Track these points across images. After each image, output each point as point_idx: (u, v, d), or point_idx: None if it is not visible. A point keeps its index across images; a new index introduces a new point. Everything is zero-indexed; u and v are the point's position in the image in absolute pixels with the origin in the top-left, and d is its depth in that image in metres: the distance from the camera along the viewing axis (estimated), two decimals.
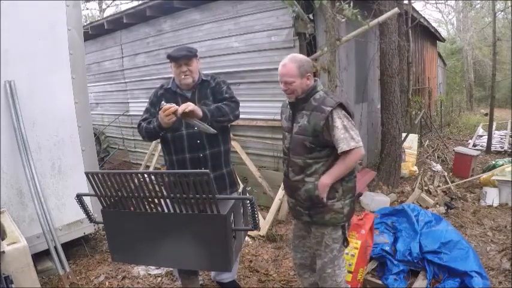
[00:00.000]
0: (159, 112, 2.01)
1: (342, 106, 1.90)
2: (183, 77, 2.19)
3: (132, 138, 6.87)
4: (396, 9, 4.07)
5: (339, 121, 1.86)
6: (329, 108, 1.86)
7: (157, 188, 1.66)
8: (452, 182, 5.19)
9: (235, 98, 2.32)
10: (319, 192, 1.92)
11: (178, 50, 2.21)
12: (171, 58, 2.20)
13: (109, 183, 1.64)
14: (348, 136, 1.85)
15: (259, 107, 4.63)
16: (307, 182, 1.97)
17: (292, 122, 2.02)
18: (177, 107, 1.97)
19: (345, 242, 2.08)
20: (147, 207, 1.69)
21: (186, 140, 2.18)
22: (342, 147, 1.84)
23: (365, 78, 5.63)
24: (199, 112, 2.01)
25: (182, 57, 2.17)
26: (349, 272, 2.56)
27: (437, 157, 6.84)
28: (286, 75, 1.90)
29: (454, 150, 6.21)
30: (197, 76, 2.26)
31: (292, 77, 1.89)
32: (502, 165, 4.93)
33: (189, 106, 1.95)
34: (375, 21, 3.95)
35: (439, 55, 14.14)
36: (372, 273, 2.84)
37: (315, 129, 1.89)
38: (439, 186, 5.04)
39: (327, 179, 1.91)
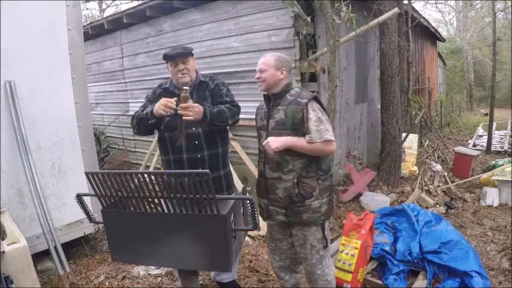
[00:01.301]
0: (162, 99, 2.01)
1: (316, 100, 1.96)
2: (180, 75, 2.18)
3: (132, 138, 6.87)
4: (396, 9, 4.07)
5: (313, 113, 1.89)
6: (305, 100, 1.90)
7: (157, 188, 1.66)
8: (452, 182, 5.19)
9: (236, 102, 2.31)
10: (270, 139, 1.87)
11: (174, 49, 2.21)
12: (168, 57, 2.19)
13: (109, 183, 1.64)
14: (323, 128, 1.88)
15: None
16: (285, 180, 1.96)
17: (267, 120, 2.03)
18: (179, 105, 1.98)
19: (325, 242, 2.05)
20: (147, 207, 1.70)
21: (185, 140, 2.16)
22: (313, 137, 1.86)
23: (365, 78, 5.63)
24: (198, 118, 2.02)
25: (178, 55, 2.16)
26: (349, 272, 2.56)
27: (437, 157, 6.84)
28: (261, 64, 2.02)
29: (454, 150, 6.21)
30: (194, 75, 2.26)
31: (266, 66, 1.99)
32: (502, 165, 4.93)
33: (192, 116, 1.97)
34: (375, 21, 3.96)
35: (439, 55, 14.15)
36: (372, 273, 2.84)
37: (293, 123, 1.91)
38: (439, 186, 5.04)
39: (286, 139, 1.89)
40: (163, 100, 2.01)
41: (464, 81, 19.49)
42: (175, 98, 2.01)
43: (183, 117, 1.98)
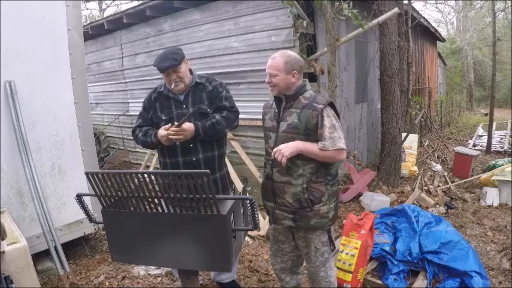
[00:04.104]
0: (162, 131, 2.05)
1: (332, 105, 1.91)
2: (173, 85, 2.14)
3: (132, 138, 6.87)
4: (396, 9, 4.06)
5: (328, 120, 1.85)
6: (321, 106, 1.85)
7: (157, 188, 1.66)
8: (452, 182, 5.19)
9: (236, 106, 2.29)
10: (281, 147, 1.82)
11: (163, 59, 2.10)
12: (158, 69, 2.13)
13: (109, 183, 1.65)
14: (336, 136, 1.84)
15: (259, 107, 4.56)
16: (294, 184, 1.92)
17: (278, 121, 1.98)
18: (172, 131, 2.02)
19: (332, 245, 2.05)
20: (147, 207, 1.70)
21: (180, 144, 2.14)
22: (326, 144, 1.83)
23: (365, 78, 5.63)
24: (191, 134, 2.06)
25: (169, 68, 2.10)
26: (349, 272, 2.56)
27: (437, 157, 6.84)
28: (271, 68, 1.92)
29: (454, 150, 6.21)
30: (188, 79, 2.20)
31: (276, 70, 1.90)
32: (502, 165, 4.93)
33: (182, 139, 2.03)
34: (375, 21, 3.95)
35: (439, 55, 14.15)
36: (372, 273, 2.84)
37: (307, 127, 1.86)
38: (439, 186, 5.04)
39: (298, 144, 1.84)
40: (163, 133, 2.05)
41: (464, 81, 19.49)
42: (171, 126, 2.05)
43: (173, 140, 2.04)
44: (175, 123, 2.02)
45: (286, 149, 1.81)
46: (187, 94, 2.22)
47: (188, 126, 2.04)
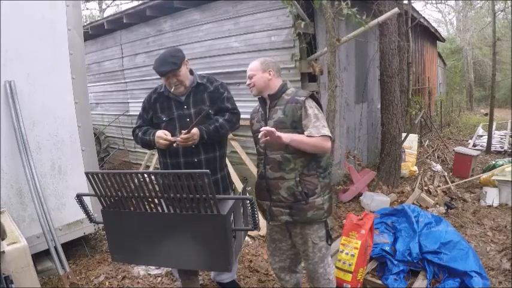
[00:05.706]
0: (161, 135, 2.06)
1: (313, 97, 2.01)
2: (173, 88, 2.14)
3: (132, 138, 6.86)
4: (396, 9, 4.07)
5: (311, 110, 1.95)
6: (302, 98, 1.95)
7: (157, 188, 1.66)
8: (452, 182, 5.19)
9: (237, 108, 2.30)
10: (266, 130, 1.82)
11: (163, 63, 2.09)
12: (158, 73, 2.13)
13: (109, 183, 1.65)
14: (320, 125, 1.92)
15: None
16: (287, 179, 1.97)
17: (265, 121, 2.05)
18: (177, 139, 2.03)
19: (329, 240, 2.08)
20: (147, 207, 1.70)
21: None
22: (311, 131, 1.90)
23: (365, 78, 5.64)
24: (198, 139, 2.08)
25: (168, 73, 2.09)
26: (349, 272, 2.56)
27: (437, 157, 6.84)
28: (249, 70, 2.08)
29: (454, 150, 6.21)
30: (189, 81, 2.20)
31: (253, 71, 2.06)
32: (502, 165, 4.93)
33: (191, 144, 2.06)
34: (375, 21, 3.95)
35: (439, 55, 14.15)
36: (372, 273, 2.84)
37: (293, 120, 1.95)
38: (439, 186, 5.04)
39: (285, 135, 1.86)
40: (161, 136, 2.06)
41: (464, 81, 19.49)
42: (174, 138, 2.06)
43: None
44: (183, 131, 2.03)
45: (272, 133, 1.81)
46: (188, 95, 2.22)
47: (195, 131, 2.06)
